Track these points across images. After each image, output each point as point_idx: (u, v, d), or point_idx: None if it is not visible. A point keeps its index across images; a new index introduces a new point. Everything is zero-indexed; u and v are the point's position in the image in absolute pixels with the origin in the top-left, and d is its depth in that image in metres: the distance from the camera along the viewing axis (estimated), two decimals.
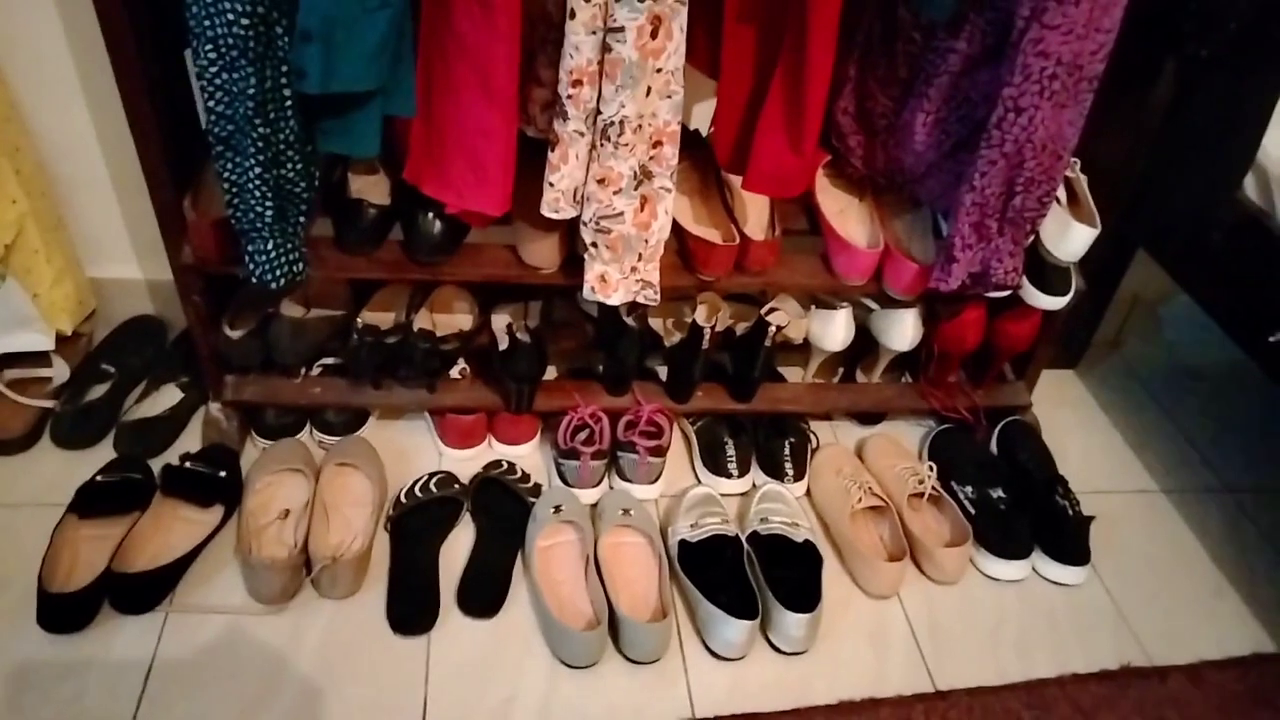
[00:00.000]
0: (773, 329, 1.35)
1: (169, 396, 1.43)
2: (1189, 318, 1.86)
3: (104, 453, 1.35)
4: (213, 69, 0.94)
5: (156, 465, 1.30)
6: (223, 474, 1.29)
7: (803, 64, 1.07)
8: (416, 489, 1.32)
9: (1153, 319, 1.88)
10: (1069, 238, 1.24)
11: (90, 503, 1.22)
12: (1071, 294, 1.32)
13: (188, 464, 1.29)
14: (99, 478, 1.26)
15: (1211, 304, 1.36)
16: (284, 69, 0.95)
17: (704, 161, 1.40)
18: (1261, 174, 1.33)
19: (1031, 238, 1.24)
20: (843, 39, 1.10)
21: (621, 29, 0.99)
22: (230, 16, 0.89)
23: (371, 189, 1.25)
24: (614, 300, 1.20)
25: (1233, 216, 1.31)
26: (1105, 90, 1.09)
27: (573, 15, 1.00)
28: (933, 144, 1.22)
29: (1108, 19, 1.03)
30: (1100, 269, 1.46)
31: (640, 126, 1.07)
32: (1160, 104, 1.26)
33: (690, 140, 1.38)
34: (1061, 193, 1.28)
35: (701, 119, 1.47)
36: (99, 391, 1.42)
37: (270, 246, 1.06)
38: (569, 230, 1.23)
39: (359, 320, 1.34)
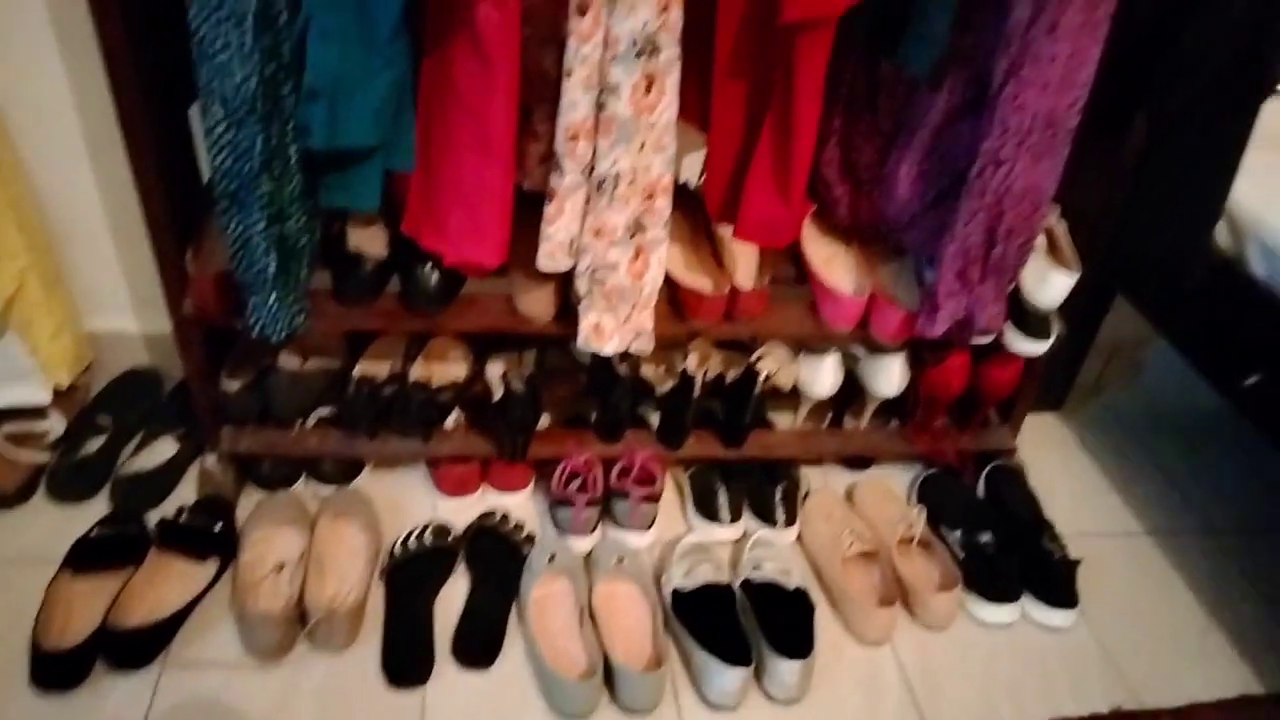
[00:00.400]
0: (762, 377, 1.37)
1: (165, 448, 1.44)
2: (1169, 361, 1.90)
3: (99, 507, 1.35)
4: (220, 127, 0.97)
5: (154, 517, 1.31)
6: (218, 527, 1.29)
7: (790, 117, 1.11)
8: (411, 540, 1.33)
9: (1134, 363, 1.92)
10: (1048, 284, 1.28)
11: (84, 558, 1.21)
12: (1052, 339, 1.35)
13: (182, 518, 1.29)
14: (94, 532, 1.26)
15: (1188, 349, 1.40)
16: (290, 126, 0.98)
17: (694, 211, 1.43)
18: (1233, 221, 1.37)
19: (1013, 284, 1.28)
20: (828, 92, 1.14)
21: (617, 87, 1.03)
22: (239, 78, 0.92)
23: (370, 240, 1.27)
24: (608, 349, 1.22)
25: (1207, 262, 1.35)
26: (1081, 139, 1.13)
27: (569, 74, 1.03)
28: (916, 195, 1.25)
29: (1081, 74, 1.08)
30: (1080, 313, 1.49)
31: (634, 180, 1.10)
32: (1134, 153, 1.31)
33: (680, 191, 1.41)
34: (1041, 240, 1.32)
35: (691, 169, 1.51)
36: (95, 445, 1.42)
37: (273, 300, 1.08)
38: (563, 281, 1.26)
39: (355, 371, 1.36)
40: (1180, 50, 1.09)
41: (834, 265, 1.43)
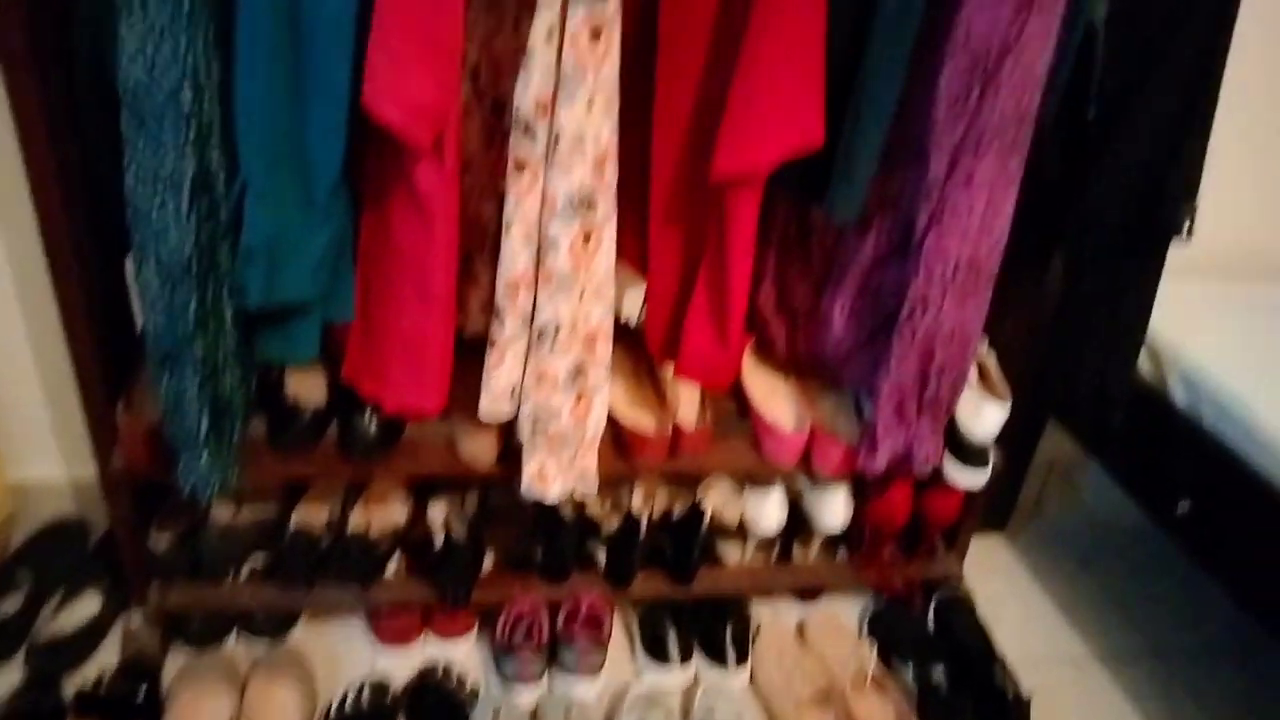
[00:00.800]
0: (708, 515, 1.37)
1: (88, 605, 1.37)
2: (1106, 479, 1.94)
3: (13, 675, 1.27)
4: (154, 287, 0.96)
5: (75, 679, 1.23)
6: (141, 694, 1.22)
7: (724, 265, 1.14)
8: (348, 701, 1.27)
9: (1071, 481, 1.95)
10: (982, 416, 1.31)
11: None
12: (990, 469, 1.38)
13: (103, 687, 1.21)
14: (4, 705, 1.18)
15: (1121, 476, 1.43)
16: (225, 285, 0.98)
17: (636, 346, 1.45)
18: (1153, 351, 1.43)
19: (948, 418, 1.30)
20: (761, 232, 1.17)
21: (556, 241, 1.05)
22: (174, 241, 0.92)
23: (308, 387, 1.26)
24: (552, 496, 1.21)
25: (1132, 392, 1.40)
26: (1004, 274, 1.18)
27: (509, 228, 1.05)
28: (850, 332, 1.29)
29: (999, 221, 1.13)
30: (1016, 435, 1.52)
31: (575, 328, 1.11)
32: (1054, 287, 1.37)
33: (622, 327, 1.43)
34: (973, 371, 1.36)
35: (634, 305, 1.53)
36: (11, 605, 1.34)
37: (204, 459, 1.05)
38: (506, 424, 1.25)
39: (292, 520, 1.32)
40: (1088, 199, 1.15)
41: (774, 398, 1.44)
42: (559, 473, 1.21)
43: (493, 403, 1.15)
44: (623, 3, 0.98)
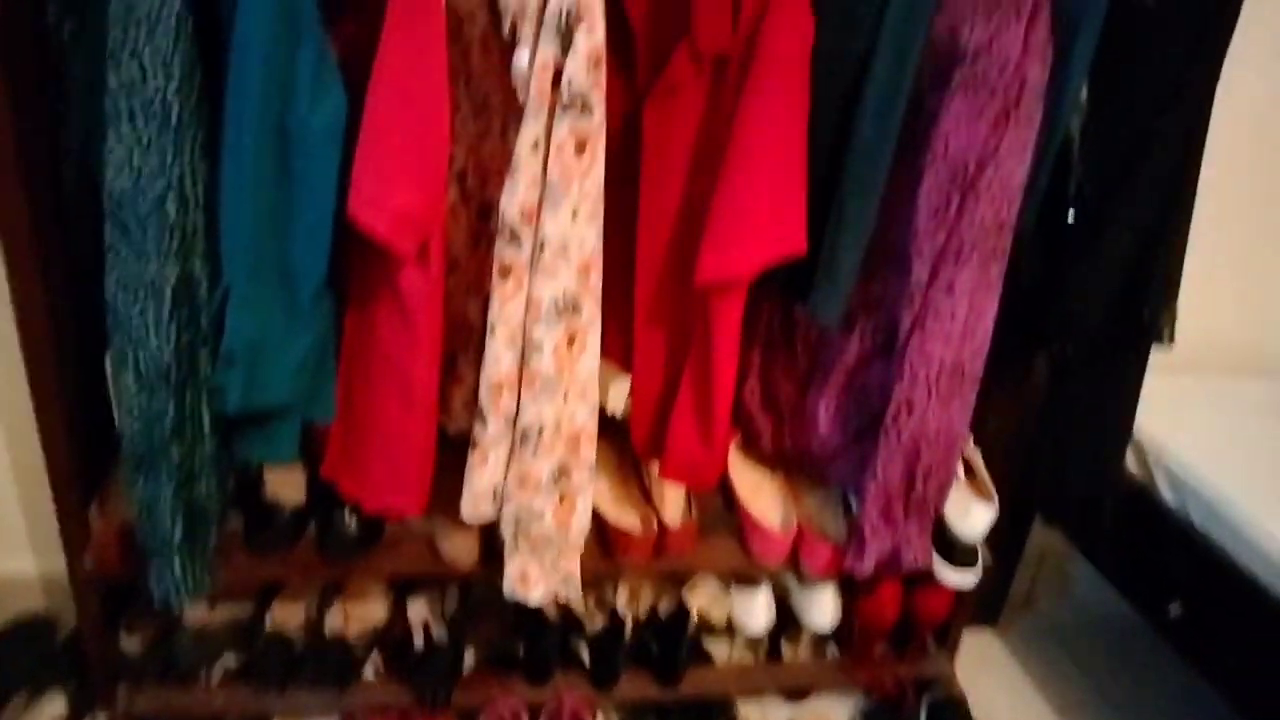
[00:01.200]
0: (694, 615, 1.34)
1: (54, 706, 1.32)
2: (1096, 572, 1.92)
3: None
4: (131, 392, 0.95)
5: None
6: None
7: (708, 367, 1.14)
8: None
9: (1062, 574, 1.93)
10: (970, 518, 1.29)
11: None
12: (979, 568, 1.36)
13: None
14: None
15: (1112, 575, 1.41)
16: (204, 391, 0.97)
17: (622, 440, 1.43)
18: (1139, 449, 1.43)
19: (936, 519, 1.29)
20: (746, 327, 1.17)
21: (540, 344, 1.05)
22: (154, 348, 0.92)
23: (286, 486, 1.24)
24: (535, 598, 1.18)
25: (1119, 490, 1.39)
26: (989, 373, 1.18)
27: (493, 331, 1.05)
28: (836, 431, 1.28)
29: (981, 325, 1.13)
30: (1005, 529, 1.51)
31: (559, 429, 1.11)
32: (1039, 386, 1.37)
33: (608, 421, 1.42)
34: (960, 469, 1.35)
35: (620, 397, 1.52)
36: None
37: (176, 567, 1.03)
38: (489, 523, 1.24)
39: (267, 621, 1.29)
40: (1068, 303, 1.16)
41: (761, 494, 1.43)
42: (542, 576, 1.18)
43: (474, 505, 1.13)
44: (608, 110, 1.00)
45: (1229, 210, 1.59)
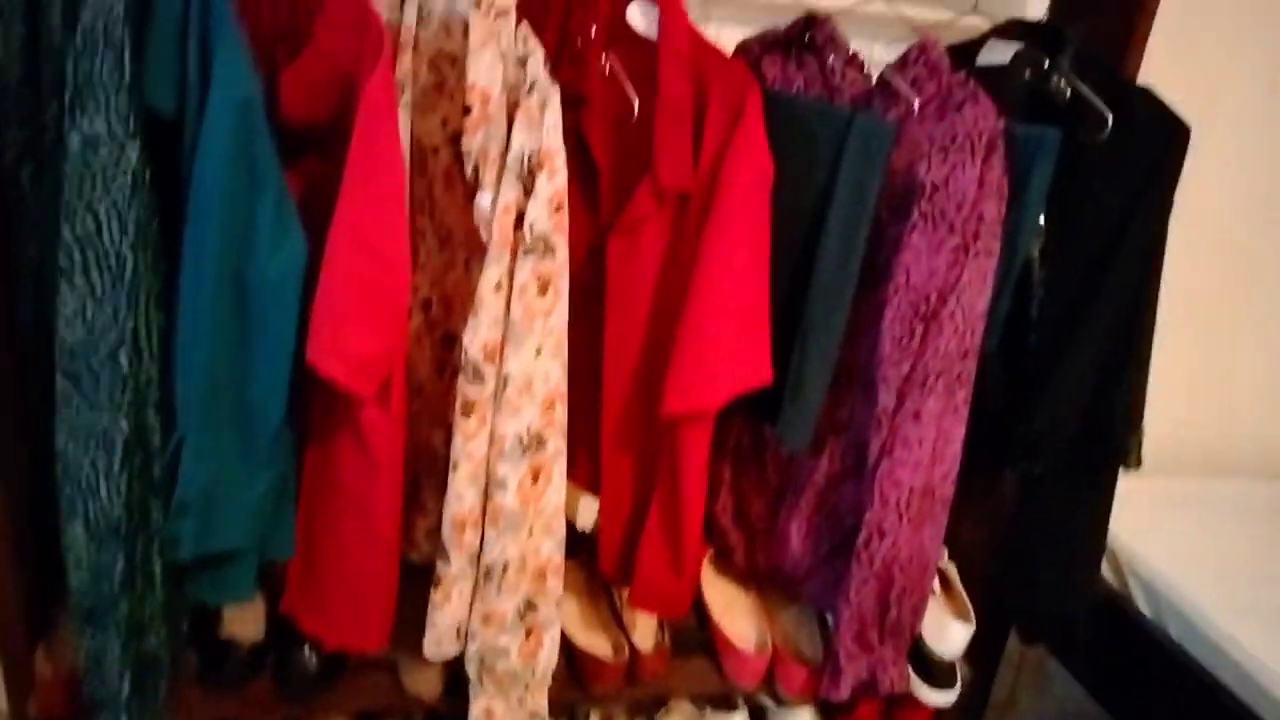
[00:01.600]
0: None
1: None
2: None
3: None
4: (81, 541, 0.92)
5: None
6: None
7: (677, 495, 1.12)
8: None
9: (1042, 674, 1.90)
10: (948, 637, 1.28)
11: None
12: (958, 686, 1.33)
13: None
14: None
15: (1090, 684, 1.39)
16: (155, 543, 0.94)
17: (592, 558, 1.41)
18: (1113, 557, 1.42)
19: (912, 640, 1.27)
20: (717, 441, 1.16)
21: (504, 481, 1.03)
22: (104, 500, 0.89)
23: (244, 622, 1.20)
24: None
25: (1095, 599, 1.38)
26: (960, 484, 1.17)
27: (455, 467, 1.03)
28: (808, 551, 1.26)
29: (949, 450, 1.13)
30: (985, 635, 1.48)
31: (524, 565, 1.08)
32: (1010, 501, 1.36)
33: (577, 539, 1.40)
34: (936, 584, 1.33)
35: (589, 513, 1.50)
36: None
37: None
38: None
39: None
40: (1034, 424, 1.16)
41: (735, 612, 1.40)
42: (508, 713, 1.15)
43: (437, 644, 1.10)
44: (573, 240, 1.00)
45: (1193, 309, 1.62)
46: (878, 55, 1.18)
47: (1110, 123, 1.04)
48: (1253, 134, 1.60)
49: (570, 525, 1.17)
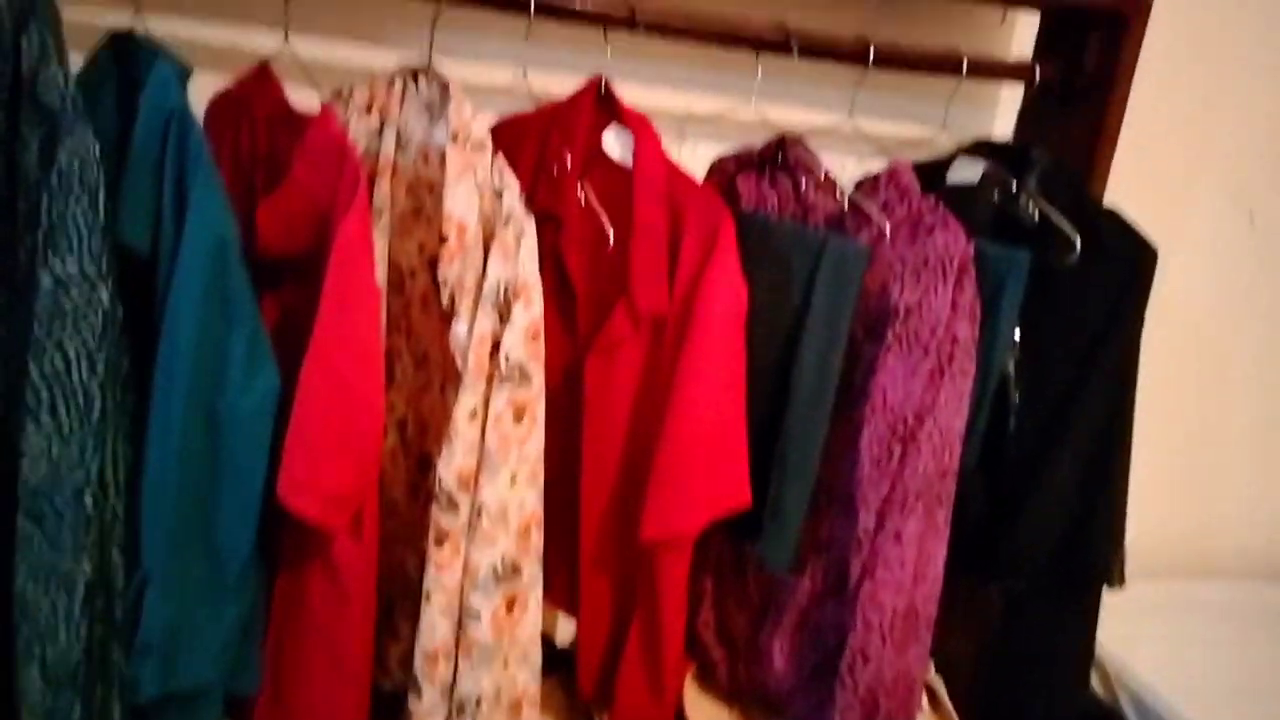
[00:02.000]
0: None
1: None
2: None
3: None
4: (37, 685, 0.88)
5: None
6: None
7: (656, 619, 1.10)
8: None
9: None
10: None
11: None
12: None
13: None
14: None
15: None
16: (115, 686, 0.91)
17: (571, 675, 1.37)
18: (1102, 669, 1.40)
19: None
20: (699, 557, 1.14)
21: (478, 613, 1.01)
22: (63, 645, 0.86)
23: None
24: None
25: (1087, 712, 1.35)
26: (944, 596, 1.15)
27: (429, 598, 1.01)
28: (791, 671, 1.24)
29: (931, 570, 1.12)
30: None
31: (499, 698, 1.05)
32: (996, 612, 1.34)
33: (556, 656, 1.36)
34: (924, 699, 1.30)
35: (568, 628, 1.47)
36: None
37: None
38: None
39: None
40: (1016, 542, 1.15)
41: None
42: None
43: None
44: (550, 362, 1.00)
45: (1172, 411, 1.63)
46: (851, 170, 1.20)
47: (1078, 246, 1.06)
48: (1222, 235, 1.63)
49: (549, 642, 1.15)
